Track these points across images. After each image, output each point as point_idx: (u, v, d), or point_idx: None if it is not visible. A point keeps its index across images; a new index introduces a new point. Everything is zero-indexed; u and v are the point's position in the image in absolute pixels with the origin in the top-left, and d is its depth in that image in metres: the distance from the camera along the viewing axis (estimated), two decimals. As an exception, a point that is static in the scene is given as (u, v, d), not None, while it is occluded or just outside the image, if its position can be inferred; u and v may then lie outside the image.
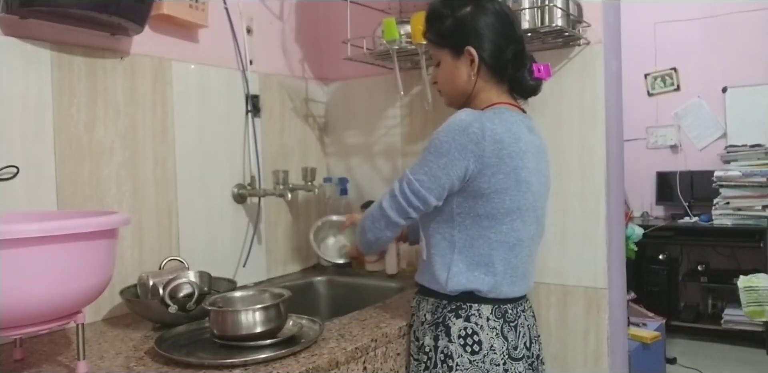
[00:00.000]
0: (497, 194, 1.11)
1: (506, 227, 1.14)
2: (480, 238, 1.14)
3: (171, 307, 1.22)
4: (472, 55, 1.17)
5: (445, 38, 1.21)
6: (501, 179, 1.10)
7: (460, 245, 1.15)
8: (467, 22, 1.17)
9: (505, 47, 1.18)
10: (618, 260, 1.61)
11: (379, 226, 1.19)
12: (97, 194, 1.38)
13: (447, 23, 1.19)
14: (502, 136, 1.10)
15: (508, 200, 1.12)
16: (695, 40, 3.86)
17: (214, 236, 1.67)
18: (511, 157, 1.11)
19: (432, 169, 1.10)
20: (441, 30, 1.21)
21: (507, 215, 1.13)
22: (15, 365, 1.08)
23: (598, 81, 1.50)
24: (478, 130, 1.09)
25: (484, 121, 1.10)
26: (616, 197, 1.61)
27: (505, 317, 1.17)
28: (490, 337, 1.14)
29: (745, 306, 3.07)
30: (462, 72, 1.20)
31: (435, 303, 1.20)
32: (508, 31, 1.19)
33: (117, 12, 1.26)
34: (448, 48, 1.21)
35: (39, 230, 0.88)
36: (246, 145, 1.77)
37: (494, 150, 1.09)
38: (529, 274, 1.22)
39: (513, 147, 1.11)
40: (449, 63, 1.21)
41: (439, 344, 1.16)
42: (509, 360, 1.15)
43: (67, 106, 1.32)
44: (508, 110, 1.17)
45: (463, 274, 1.15)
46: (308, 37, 2.05)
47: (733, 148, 3.60)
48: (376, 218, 1.19)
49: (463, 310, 1.16)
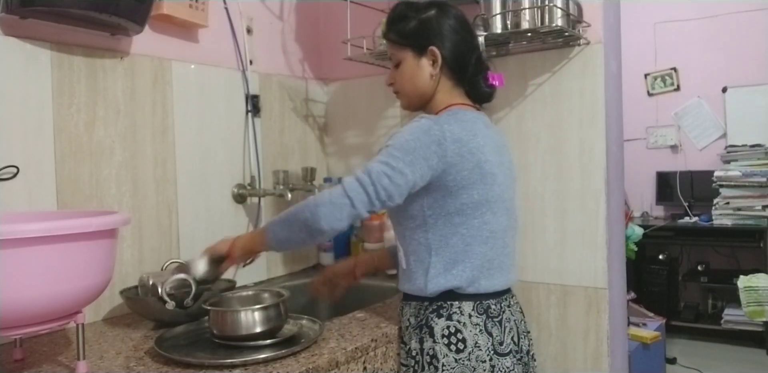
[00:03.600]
0: (464, 189, 1.13)
1: (477, 220, 1.15)
2: (454, 235, 1.15)
3: (168, 303, 1.21)
4: (435, 55, 1.20)
5: (408, 38, 1.22)
6: (466, 175, 1.13)
7: (435, 246, 1.16)
8: (432, 23, 1.20)
9: (467, 51, 1.22)
10: (618, 260, 1.61)
11: (338, 215, 1.09)
12: (97, 194, 1.38)
13: (411, 24, 1.21)
14: (459, 135, 1.13)
15: (476, 194, 1.14)
16: (695, 40, 3.86)
17: (214, 236, 1.65)
18: (472, 152, 1.13)
19: (399, 164, 1.09)
20: (404, 30, 1.22)
21: (476, 209, 1.15)
22: (15, 365, 1.08)
23: (598, 81, 1.50)
24: (438, 132, 1.11)
25: (442, 123, 1.13)
26: (616, 197, 1.60)
27: (488, 313, 1.17)
28: (473, 334, 1.14)
29: (745, 306, 3.07)
30: (424, 72, 1.22)
31: (417, 306, 1.21)
32: (469, 37, 1.24)
33: (117, 12, 1.26)
34: (410, 47, 1.23)
35: (39, 230, 0.88)
36: (246, 145, 1.77)
37: (455, 149, 1.12)
38: (505, 266, 1.22)
39: (472, 143, 1.14)
40: (410, 63, 1.23)
41: (425, 346, 1.16)
42: (495, 356, 1.15)
43: (67, 106, 1.32)
44: (461, 110, 1.20)
45: (441, 275, 1.16)
46: (308, 37, 2.05)
47: (733, 148, 3.60)
48: (338, 207, 1.09)
49: (444, 309, 1.17)
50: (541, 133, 1.58)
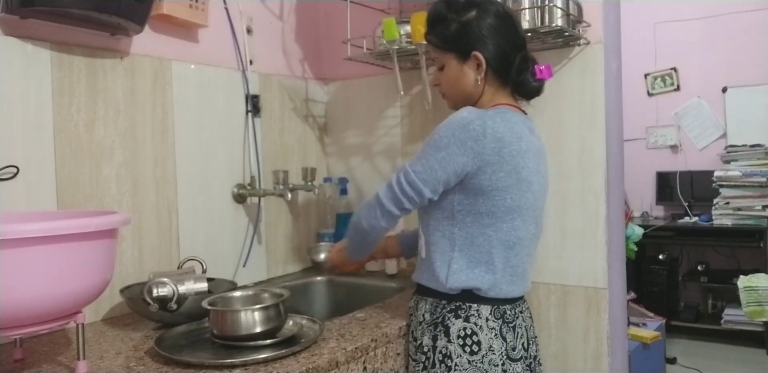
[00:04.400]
0: (498, 191, 1.11)
1: (507, 225, 1.14)
2: (480, 236, 1.14)
3: (152, 305, 1.22)
4: (479, 60, 1.17)
5: (450, 43, 1.20)
6: (502, 177, 1.11)
7: (460, 242, 1.15)
8: (473, 27, 1.17)
9: (510, 51, 1.18)
10: (618, 260, 1.61)
11: (374, 214, 1.19)
12: (97, 194, 1.38)
13: (452, 27, 1.18)
14: (503, 135, 1.10)
15: (509, 199, 1.12)
16: (695, 40, 3.86)
17: (214, 236, 1.67)
18: (512, 155, 1.11)
19: (429, 161, 1.11)
20: (445, 34, 1.20)
21: (508, 214, 1.13)
22: (15, 365, 1.09)
23: (598, 81, 1.50)
24: (479, 128, 1.09)
25: (486, 119, 1.10)
26: (616, 196, 1.61)
27: (504, 318, 1.17)
28: (489, 337, 1.14)
29: (745, 306, 3.07)
30: (469, 76, 1.20)
31: (434, 303, 1.20)
32: (513, 34, 1.20)
33: (117, 12, 1.26)
34: (453, 52, 1.20)
35: (39, 230, 0.88)
36: (246, 145, 1.77)
37: (495, 148, 1.10)
38: (527, 274, 1.23)
39: (514, 146, 1.11)
40: (455, 67, 1.21)
41: (438, 344, 1.16)
42: (508, 361, 1.15)
43: (67, 106, 1.32)
44: (510, 111, 1.18)
45: (463, 271, 1.15)
46: (308, 37, 2.05)
47: (733, 148, 3.60)
48: (372, 207, 1.20)
49: (463, 310, 1.16)
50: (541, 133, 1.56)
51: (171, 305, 1.23)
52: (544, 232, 1.56)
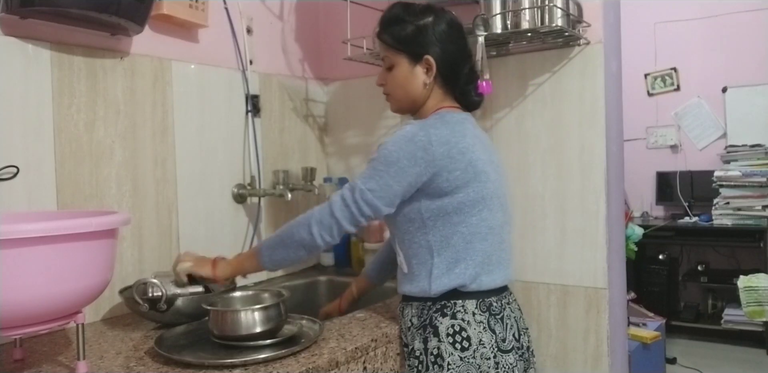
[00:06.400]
0: (459, 188, 1.14)
1: (475, 217, 1.16)
2: (454, 235, 1.16)
3: (142, 305, 1.22)
4: (429, 64, 1.20)
5: (403, 44, 1.22)
6: (459, 175, 1.13)
7: (437, 246, 1.17)
8: (428, 31, 1.20)
9: (459, 60, 1.22)
10: (618, 260, 1.61)
11: (329, 232, 1.15)
12: (97, 194, 1.38)
13: (408, 29, 1.21)
14: (447, 138, 1.14)
15: (471, 192, 1.15)
16: (695, 40, 3.86)
17: (214, 236, 1.67)
18: (462, 152, 1.14)
19: (383, 178, 1.12)
20: (401, 35, 1.22)
21: (473, 207, 1.16)
22: (15, 365, 1.08)
23: (598, 81, 1.50)
24: (424, 138, 1.12)
25: (428, 128, 1.14)
26: (616, 196, 1.60)
27: (490, 310, 1.18)
28: (478, 331, 1.15)
29: (745, 306, 3.07)
30: (417, 79, 1.22)
31: (420, 306, 1.21)
32: (462, 44, 1.24)
33: (117, 12, 1.26)
34: (405, 53, 1.22)
35: (39, 230, 0.88)
36: (246, 145, 1.77)
37: (444, 151, 1.12)
38: (504, 261, 1.23)
39: (461, 143, 1.15)
40: (405, 69, 1.23)
41: (429, 346, 1.16)
42: (499, 353, 1.15)
43: (67, 106, 1.32)
44: (448, 112, 1.21)
45: (444, 275, 1.16)
46: (308, 37, 2.05)
47: (733, 148, 3.60)
48: (326, 226, 1.15)
49: (449, 308, 1.17)
50: (541, 133, 1.58)
51: (160, 305, 1.23)
52: (544, 232, 1.58)
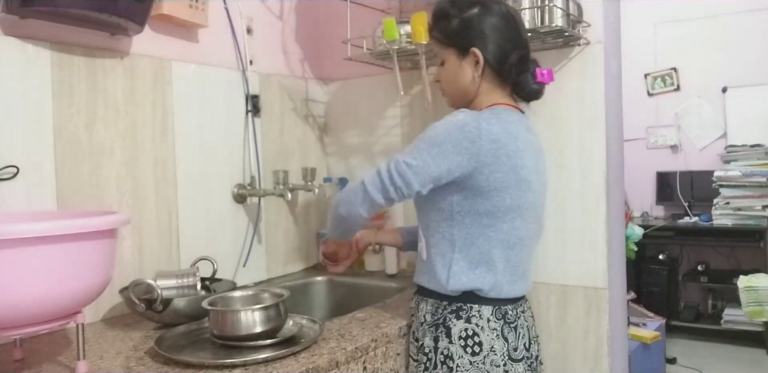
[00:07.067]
0: (497, 192, 1.11)
1: (507, 225, 1.14)
2: (480, 236, 1.14)
3: (138, 305, 1.22)
4: (476, 57, 1.18)
5: (450, 38, 1.21)
6: (500, 178, 1.11)
7: (460, 243, 1.15)
8: (474, 24, 1.18)
9: (510, 51, 1.19)
10: (618, 260, 1.61)
11: (354, 200, 1.15)
12: (97, 194, 1.38)
13: (453, 23, 1.19)
14: (498, 136, 1.11)
15: (508, 199, 1.12)
16: (695, 40, 3.86)
17: (214, 235, 1.67)
18: (509, 156, 1.11)
19: (423, 155, 1.10)
20: (447, 29, 1.21)
21: (507, 214, 1.13)
22: (15, 365, 1.08)
23: (598, 81, 1.50)
24: (474, 129, 1.10)
25: (481, 121, 1.11)
26: (616, 196, 1.60)
27: (505, 318, 1.17)
28: (490, 338, 1.14)
29: (745, 306, 3.07)
30: (466, 73, 1.20)
31: (435, 304, 1.20)
32: (514, 34, 1.20)
33: (117, 12, 1.26)
34: (453, 47, 1.21)
35: (39, 230, 0.88)
36: (246, 145, 1.77)
37: (491, 149, 1.10)
38: (528, 273, 1.23)
39: (511, 146, 1.12)
40: (454, 63, 1.22)
41: (440, 345, 1.16)
42: (509, 361, 1.15)
43: (67, 106, 1.32)
44: (505, 110, 1.18)
45: (463, 272, 1.15)
46: (308, 37, 2.05)
47: (733, 148, 3.60)
48: (354, 192, 1.16)
49: (464, 311, 1.16)
50: (541, 133, 1.56)
51: (156, 305, 1.23)
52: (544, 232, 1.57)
